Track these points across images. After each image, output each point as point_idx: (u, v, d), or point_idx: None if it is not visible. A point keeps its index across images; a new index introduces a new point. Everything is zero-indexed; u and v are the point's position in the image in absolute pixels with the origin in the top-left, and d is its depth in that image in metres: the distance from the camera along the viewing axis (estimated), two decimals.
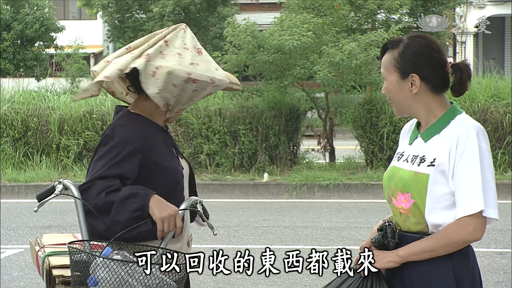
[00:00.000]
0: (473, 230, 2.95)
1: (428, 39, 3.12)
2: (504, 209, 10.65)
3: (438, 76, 3.06)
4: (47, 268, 3.68)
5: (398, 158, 3.16)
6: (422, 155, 3.04)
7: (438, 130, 3.04)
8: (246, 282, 6.97)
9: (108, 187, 3.18)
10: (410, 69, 3.05)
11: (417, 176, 3.01)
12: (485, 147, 2.98)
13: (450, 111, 3.07)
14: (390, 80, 3.10)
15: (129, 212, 3.11)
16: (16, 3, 25.79)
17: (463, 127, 2.99)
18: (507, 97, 13.44)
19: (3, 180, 13.19)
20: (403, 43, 3.09)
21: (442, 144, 3.00)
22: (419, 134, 3.10)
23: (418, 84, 3.05)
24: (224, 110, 13.59)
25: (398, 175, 3.09)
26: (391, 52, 3.10)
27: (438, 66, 3.06)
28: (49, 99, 15.05)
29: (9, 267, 7.95)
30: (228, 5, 23.34)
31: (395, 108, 3.15)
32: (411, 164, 3.06)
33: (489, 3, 27.22)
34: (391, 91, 3.10)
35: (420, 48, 3.07)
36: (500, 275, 7.25)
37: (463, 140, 2.96)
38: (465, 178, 2.95)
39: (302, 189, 12.40)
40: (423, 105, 3.07)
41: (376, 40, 13.38)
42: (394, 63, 3.08)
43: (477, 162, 2.95)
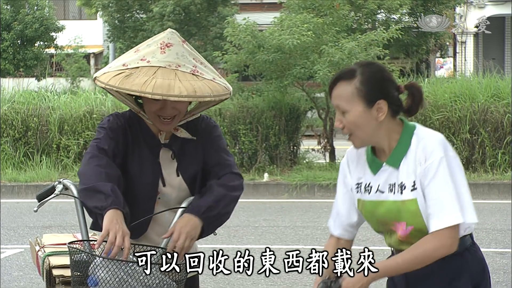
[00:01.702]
0: (451, 244, 2.94)
1: (380, 65, 3.08)
2: (504, 209, 10.65)
3: (397, 101, 3.02)
4: (47, 268, 3.68)
5: (367, 191, 3.09)
6: (400, 182, 2.99)
7: (404, 153, 3.00)
8: (246, 282, 6.97)
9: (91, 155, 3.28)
10: (376, 96, 2.96)
11: (406, 205, 2.98)
12: (451, 154, 2.98)
13: (405, 130, 3.03)
14: (354, 111, 2.96)
15: (91, 205, 3.17)
16: (16, 3, 25.78)
17: (425, 143, 2.97)
18: (507, 97, 13.44)
19: (3, 180, 13.18)
20: (359, 71, 2.98)
21: (413, 166, 2.97)
22: (384, 162, 3.03)
23: (385, 110, 2.97)
24: (224, 110, 13.59)
25: (383, 208, 3.05)
26: (347, 83, 2.97)
27: (397, 89, 3.02)
28: (49, 99, 15.05)
29: (9, 267, 7.95)
30: (228, 5, 23.33)
31: (357, 140, 3.03)
32: (392, 194, 3.01)
33: (489, 3, 27.21)
34: (356, 123, 2.97)
35: (380, 73, 3.00)
36: (500, 275, 7.25)
37: (428, 156, 2.94)
38: (438, 190, 2.92)
39: (302, 189, 12.40)
40: (385, 131, 3.01)
41: (376, 40, 13.38)
42: (357, 94, 2.95)
43: (446, 173, 2.93)
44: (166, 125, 3.33)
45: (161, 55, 3.25)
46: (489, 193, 12.11)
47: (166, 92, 3.13)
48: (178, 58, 3.26)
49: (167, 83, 3.16)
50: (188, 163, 3.40)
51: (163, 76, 3.18)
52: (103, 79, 3.25)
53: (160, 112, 3.28)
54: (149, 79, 3.17)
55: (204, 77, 3.27)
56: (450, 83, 14.40)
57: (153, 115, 3.31)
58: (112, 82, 3.21)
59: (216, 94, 3.25)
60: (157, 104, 3.26)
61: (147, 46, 3.31)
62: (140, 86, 3.15)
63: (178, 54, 3.28)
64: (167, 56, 3.25)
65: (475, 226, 3.18)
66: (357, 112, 2.96)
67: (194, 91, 3.18)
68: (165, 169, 3.38)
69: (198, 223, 3.22)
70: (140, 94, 3.17)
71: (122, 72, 3.22)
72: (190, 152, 3.41)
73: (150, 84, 3.15)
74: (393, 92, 3.00)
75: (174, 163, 3.39)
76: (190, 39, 22.66)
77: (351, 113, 2.97)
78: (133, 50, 3.37)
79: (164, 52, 3.26)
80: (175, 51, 3.28)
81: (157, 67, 3.22)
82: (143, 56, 3.26)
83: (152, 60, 3.24)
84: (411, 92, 3.04)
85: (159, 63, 3.23)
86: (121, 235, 3.04)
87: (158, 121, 3.32)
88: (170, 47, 3.28)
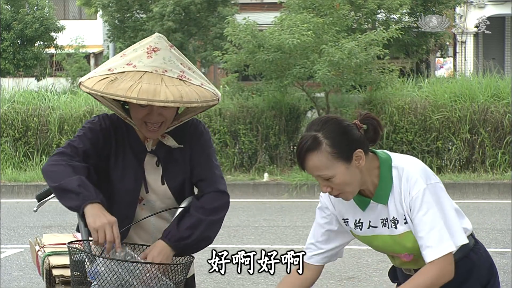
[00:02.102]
0: (451, 270, 2.95)
1: (331, 118, 3.02)
2: (504, 209, 10.65)
3: (363, 136, 2.99)
4: (47, 268, 3.68)
5: (358, 227, 3.10)
6: (392, 217, 3.01)
7: (389, 188, 3.00)
8: (246, 282, 6.97)
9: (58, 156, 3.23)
10: (351, 149, 2.94)
11: (402, 237, 3.01)
12: (433, 182, 2.99)
13: (382, 164, 3.02)
14: (339, 174, 2.94)
15: (66, 205, 3.12)
16: (16, 3, 25.77)
17: (406, 175, 2.97)
18: (507, 97, 13.44)
19: (3, 180, 13.19)
20: (322, 136, 2.93)
21: (400, 200, 2.98)
22: (371, 199, 3.04)
23: (363, 156, 2.96)
24: (224, 110, 13.59)
25: (379, 241, 3.08)
26: (317, 153, 2.92)
27: (357, 129, 2.99)
28: (49, 99, 15.05)
29: (9, 267, 7.95)
30: (228, 5, 23.32)
31: (349, 195, 3.01)
32: (386, 229, 3.04)
33: (489, 3, 27.20)
34: (345, 181, 2.96)
35: (339, 126, 2.96)
36: (500, 275, 7.21)
37: (412, 188, 2.95)
38: (427, 222, 2.93)
39: (302, 189, 12.40)
40: (366, 171, 3.00)
41: (376, 40, 13.38)
42: (333, 157, 2.92)
43: (432, 203, 2.94)
44: (153, 133, 3.25)
45: (147, 60, 3.18)
46: (489, 193, 12.11)
47: (151, 97, 3.06)
48: (165, 63, 3.19)
49: (153, 88, 3.09)
50: (174, 171, 3.34)
51: (149, 81, 3.11)
52: (88, 84, 3.18)
53: (146, 119, 3.21)
54: (134, 84, 3.10)
55: (192, 83, 3.19)
56: (450, 83, 14.40)
57: (139, 121, 3.24)
58: (97, 87, 3.14)
59: (203, 99, 3.17)
60: (143, 110, 3.20)
61: (134, 51, 3.24)
62: (125, 91, 3.07)
63: (165, 59, 3.20)
64: (153, 61, 3.18)
65: (475, 226, 3.18)
66: (342, 173, 2.94)
67: (180, 97, 3.10)
68: (150, 175, 3.32)
69: (170, 253, 3.16)
70: (125, 99, 3.11)
71: (107, 77, 3.15)
72: (176, 160, 3.34)
73: (135, 89, 3.08)
74: (357, 135, 2.97)
75: (159, 170, 3.33)
76: (190, 39, 22.67)
77: (336, 177, 2.95)
78: (120, 54, 3.30)
79: (151, 57, 3.19)
80: (162, 55, 3.21)
81: (143, 72, 3.14)
82: (129, 61, 3.19)
83: (138, 64, 3.17)
84: (369, 123, 3.01)
85: (145, 67, 3.16)
86: (108, 228, 3.01)
87: (145, 128, 3.24)
88: (157, 52, 3.21)
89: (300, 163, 2.98)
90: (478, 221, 9.60)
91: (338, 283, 7.28)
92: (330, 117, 3.01)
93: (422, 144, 13.25)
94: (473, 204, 11.16)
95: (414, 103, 13.46)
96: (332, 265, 7.73)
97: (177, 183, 3.32)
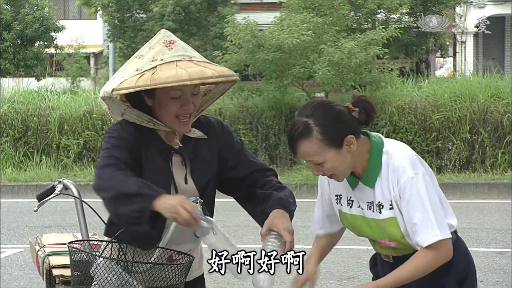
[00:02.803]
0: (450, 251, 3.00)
1: (323, 102, 3.02)
2: (504, 209, 10.65)
3: (354, 120, 3.01)
4: (47, 268, 3.68)
5: (349, 204, 3.13)
6: (378, 202, 3.04)
7: (377, 173, 3.02)
8: (247, 282, 6.97)
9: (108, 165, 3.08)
10: (341, 136, 2.96)
11: (386, 223, 3.03)
12: (421, 172, 3.00)
13: (374, 148, 3.04)
14: (330, 159, 2.96)
15: (129, 210, 2.95)
16: (16, 3, 25.78)
17: (394, 163, 2.99)
18: (507, 97, 13.45)
19: (3, 180, 13.18)
20: (312, 122, 2.94)
21: (387, 186, 3.01)
22: (360, 180, 3.06)
23: (354, 141, 2.98)
24: (224, 109, 13.59)
25: (364, 223, 3.10)
26: (308, 140, 2.94)
27: (348, 114, 3.00)
28: (49, 99, 15.05)
29: (9, 266, 7.95)
30: (228, 5, 23.32)
31: (340, 177, 3.05)
32: (371, 212, 3.06)
33: (489, 2, 27.21)
34: (335, 166, 2.99)
35: (330, 113, 2.96)
36: (500, 275, 7.24)
37: (400, 176, 2.98)
38: (415, 210, 2.95)
39: (302, 188, 12.39)
40: (357, 154, 3.02)
41: (375, 39, 13.38)
42: (324, 144, 2.94)
43: (420, 191, 2.96)
44: (185, 125, 3.21)
45: (170, 52, 3.16)
46: (489, 193, 12.11)
47: (201, 76, 3.06)
48: (186, 51, 3.19)
49: (197, 69, 3.08)
50: (201, 169, 3.29)
51: (188, 66, 3.10)
52: (126, 85, 3.09)
53: (180, 111, 3.16)
54: (178, 70, 3.07)
55: (214, 63, 3.22)
56: (450, 83, 14.41)
57: (171, 117, 3.18)
58: (140, 83, 3.06)
59: (235, 74, 3.23)
60: (177, 103, 3.16)
61: (150, 49, 3.21)
62: (175, 77, 3.04)
63: (185, 48, 3.21)
64: (176, 51, 3.17)
65: (475, 226, 3.20)
66: (332, 158, 2.96)
67: (222, 72, 3.13)
68: (176, 175, 3.26)
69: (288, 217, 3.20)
70: (178, 84, 3.04)
71: (142, 74, 3.09)
72: (204, 157, 3.30)
73: (183, 73, 3.05)
74: (349, 120, 2.98)
75: (184, 169, 3.27)
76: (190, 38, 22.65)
77: (327, 162, 2.98)
78: (136, 57, 3.24)
79: (172, 49, 3.17)
80: (180, 45, 3.21)
81: (175, 61, 3.12)
82: (153, 57, 3.15)
83: (165, 57, 3.14)
84: (361, 106, 3.02)
85: (173, 58, 3.14)
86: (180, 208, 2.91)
87: (177, 123, 3.19)
88: (174, 43, 3.20)
89: (292, 148, 3.01)
90: (478, 221, 9.60)
91: (338, 283, 7.28)
92: (322, 102, 3.02)
93: (422, 144, 13.25)
94: (473, 204, 11.16)
95: (414, 103, 13.46)
96: (332, 265, 7.73)
97: (204, 181, 3.28)
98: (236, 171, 3.34)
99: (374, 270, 3.29)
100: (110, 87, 3.13)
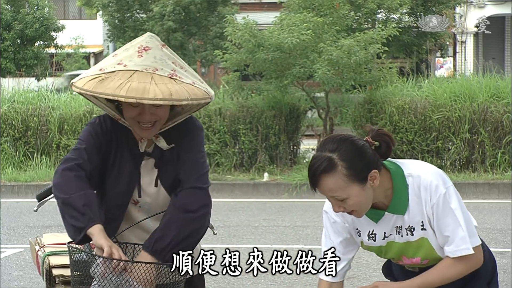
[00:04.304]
0: (480, 259, 3.06)
1: (345, 137, 2.98)
2: (504, 209, 10.65)
3: (376, 154, 2.99)
4: (47, 268, 3.68)
5: (371, 238, 3.09)
6: (408, 226, 3.02)
7: (406, 199, 3.00)
8: (246, 282, 6.97)
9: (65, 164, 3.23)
10: (366, 171, 2.93)
11: (418, 242, 3.03)
12: (450, 185, 3.02)
13: (395, 175, 3.01)
14: (354, 196, 2.92)
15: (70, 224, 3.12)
16: (16, 3, 25.79)
17: (424, 181, 2.98)
18: (507, 97, 13.44)
19: (3, 180, 13.18)
20: (337, 158, 2.90)
21: (418, 207, 2.99)
22: (386, 211, 3.03)
23: (377, 176, 2.96)
24: (224, 109, 13.59)
25: (393, 248, 3.08)
26: (333, 175, 2.90)
27: (370, 148, 2.98)
28: (49, 99, 15.04)
29: (9, 266, 7.94)
30: (228, 5, 23.33)
31: (360, 213, 3.00)
32: (400, 236, 3.04)
33: (489, 2, 27.21)
34: (360, 202, 2.95)
35: (354, 149, 2.93)
36: (500, 275, 7.22)
37: (433, 194, 2.97)
38: (451, 221, 2.97)
39: (302, 188, 12.39)
40: (377, 187, 2.99)
41: (375, 38, 13.37)
42: (349, 179, 2.90)
43: (453, 204, 2.97)
44: (146, 131, 3.23)
45: (138, 59, 3.17)
46: (489, 193, 12.11)
47: (140, 95, 3.04)
48: (155, 62, 3.17)
49: (142, 86, 3.07)
50: (167, 171, 3.31)
51: (139, 80, 3.09)
52: (78, 84, 3.18)
53: (139, 118, 3.20)
54: (123, 82, 3.08)
55: (183, 81, 3.15)
56: (450, 83, 14.39)
57: (132, 121, 3.22)
58: (86, 87, 3.13)
59: (194, 97, 3.13)
60: (135, 110, 3.19)
61: (125, 50, 3.24)
62: (114, 90, 3.06)
63: (156, 58, 3.19)
64: (144, 60, 3.17)
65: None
66: (357, 194, 2.93)
67: (170, 94, 3.07)
68: (144, 178, 3.30)
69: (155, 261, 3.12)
70: (113, 98, 3.09)
71: (98, 76, 3.14)
72: (169, 159, 3.31)
73: (124, 87, 3.06)
74: (371, 154, 2.96)
75: (155, 172, 3.31)
76: (190, 38, 22.68)
77: (351, 198, 2.94)
78: (112, 54, 3.30)
79: (142, 56, 3.18)
80: (153, 54, 3.19)
81: (134, 71, 3.13)
82: (120, 60, 3.18)
83: (129, 64, 3.15)
84: (381, 140, 3.00)
85: (136, 66, 3.15)
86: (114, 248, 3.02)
87: (138, 127, 3.23)
88: (148, 51, 3.20)
89: (313, 183, 2.94)
90: (478, 221, 9.54)
91: None
92: (345, 137, 2.98)
93: (422, 144, 13.25)
94: (473, 204, 11.16)
95: (414, 103, 13.46)
96: None
97: (170, 182, 3.29)
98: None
99: (392, 277, 3.27)
100: (76, 79, 3.23)
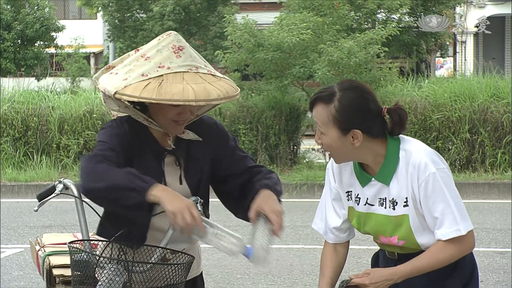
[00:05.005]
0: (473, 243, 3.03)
1: (361, 89, 3.00)
2: (504, 209, 10.65)
3: (378, 124, 3.00)
4: (47, 268, 3.68)
5: (356, 201, 3.11)
6: (391, 198, 3.01)
7: (394, 170, 3.00)
8: (246, 282, 6.97)
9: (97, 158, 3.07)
10: (350, 126, 2.94)
11: (398, 219, 3.01)
12: (443, 167, 2.99)
13: (391, 145, 3.01)
14: (330, 136, 2.97)
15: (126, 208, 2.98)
16: (16, 3, 25.81)
17: (415, 159, 2.97)
18: (507, 97, 13.45)
19: (3, 180, 13.19)
20: (337, 97, 2.96)
21: (404, 182, 2.99)
22: (373, 177, 3.04)
23: (360, 138, 2.96)
24: (224, 109, 13.59)
25: (373, 220, 3.08)
26: (325, 107, 2.97)
27: (376, 115, 2.98)
28: (49, 99, 15.05)
29: (9, 266, 7.95)
30: (228, 5, 23.35)
31: (337, 159, 3.05)
32: (383, 208, 3.04)
33: (489, 2, 27.22)
34: (332, 146, 2.99)
35: (356, 102, 2.96)
36: (500, 275, 7.25)
37: (421, 172, 2.95)
38: (439, 204, 2.95)
39: (302, 188, 12.39)
40: (366, 149, 3.00)
41: (374, 39, 13.38)
42: (332, 120, 2.95)
43: (442, 186, 2.95)
44: (180, 127, 3.20)
45: (178, 60, 3.12)
46: (489, 192, 12.11)
47: (207, 97, 3.04)
48: (193, 60, 3.15)
49: (203, 87, 3.05)
50: (193, 169, 3.28)
51: (192, 81, 3.07)
52: (130, 92, 3.05)
53: (177, 117, 3.16)
54: (184, 86, 3.04)
55: (220, 76, 3.18)
56: (450, 83, 14.40)
57: (167, 121, 3.17)
58: (146, 95, 3.02)
59: (237, 92, 3.20)
60: (175, 110, 3.13)
61: (158, 52, 3.16)
62: (181, 95, 3.01)
63: (192, 56, 3.17)
64: (184, 60, 3.13)
65: (475, 226, 3.20)
66: (332, 137, 2.97)
67: (226, 92, 3.10)
68: (169, 176, 3.24)
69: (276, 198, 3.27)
70: (183, 103, 3.03)
71: (148, 82, 3.06)
72: (196, 157, 3.29)
73: (189, 91, 3.03)
74: (370, 121, 2.96)
75: (178, 170, 3.26)
76: (190, 38, 22.68)
77: (327, 136, 2.98)
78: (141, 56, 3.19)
79: (180, 56, 3.14)
80: (188, 53, 3.16)
81: (181, 73, 3.09)
82: (160, 63, 3.11)
83: (172, 66, 3.10)
84: (392, 115, 3.00)
85: (180, 68, 3.10)
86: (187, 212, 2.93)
87: (172, 125, 3.18)
88: (183, 50, 3.16)
89: (310, 104, 3.05)
90: (478, 221, 9.60)
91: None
92: (360, 88, 3.01)
93: None
94: (473, 204, 11.16)
95: (414, 103, 13.46)
96: None
97: (196, 180, 3.27)
98: (231, 169, 3.35)
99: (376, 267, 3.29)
100: (112, 87, 3.10)
